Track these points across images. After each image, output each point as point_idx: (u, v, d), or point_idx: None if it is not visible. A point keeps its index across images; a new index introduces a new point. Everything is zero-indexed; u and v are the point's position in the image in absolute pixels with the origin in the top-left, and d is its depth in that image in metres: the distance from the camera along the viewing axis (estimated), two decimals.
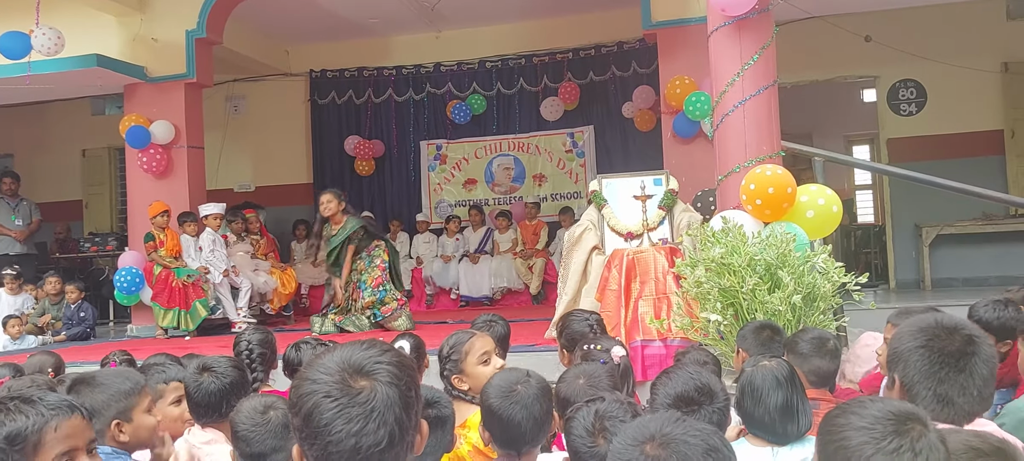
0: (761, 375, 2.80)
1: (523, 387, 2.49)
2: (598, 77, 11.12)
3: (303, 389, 1.42)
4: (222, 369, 3.16)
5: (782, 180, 4.85)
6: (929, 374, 2.14)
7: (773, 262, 4.60)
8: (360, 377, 1.41)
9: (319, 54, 11.86)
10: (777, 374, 2.81)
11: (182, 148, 9.07)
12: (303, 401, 1.41)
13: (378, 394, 1.40)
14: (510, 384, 2.51)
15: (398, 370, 1.45)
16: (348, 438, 1.37)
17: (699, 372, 2.70)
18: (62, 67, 8.51)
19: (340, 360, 1.43)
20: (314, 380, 1.41)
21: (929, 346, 2.17)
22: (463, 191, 11.80)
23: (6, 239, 9.87)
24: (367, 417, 1.38)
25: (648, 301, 5.35)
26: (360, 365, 1.43)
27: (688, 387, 2.61)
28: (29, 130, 12.55)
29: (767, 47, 5.12)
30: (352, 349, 1.46)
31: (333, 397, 1.39)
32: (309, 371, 1.44)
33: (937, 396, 2.12)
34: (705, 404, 2.57)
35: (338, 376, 1.41)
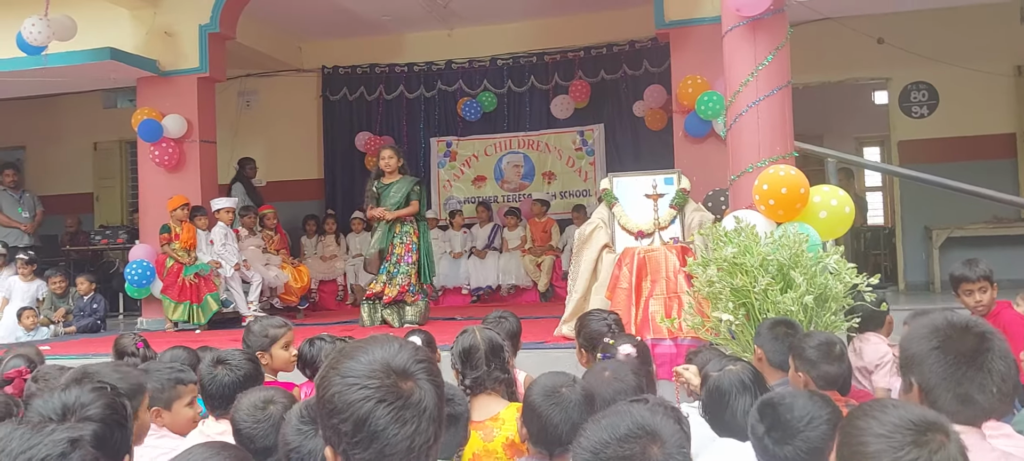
0: (727, 379, 2.83)
1: (567, 390, 2.52)
2: (609, 76, 11.13)
3: (351, 396, 1.42)
4: (236, 362, 3.19)
5: (795, 180, 4.85)
6: (947, 375, 2.10)
7: (785, 262, 4.60)
8: (406, 379, 1.45)
9: (332, 50, 11.90)
10: (743, 377, 2.84)
11: (194, 142, 9.11)
12: (354, 408, 1.42)
13: (426, 393, 1.45)
14: (555, 386, 2.53)
15: (431, 365, 1.50)
16: (404, 440, 1.41)
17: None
18: (75, 60, 8.55)
19: (382, 364, 1.45)
20: (364, 385, 1.43)
21: (944, 347, 2.13)
22: (472, 188, 11.82)
23: (14, 231, 9.93)
24: (420, 416, 1.43)
25: (659, 300, 5.36)
26: (403, 367, 1.46)
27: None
28: (40, 122, 12.60)
29: (781, 48, 5.12)
30: (386, 351, 1.48)
31: (388, 402, 1.42)
32: (349, 376, 1.44)
33: (958, 397, 2.08)
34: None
35: (388, 381, 1.43)
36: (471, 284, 10.72)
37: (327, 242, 11.12)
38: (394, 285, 7.83)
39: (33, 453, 1.28)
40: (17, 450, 1.27)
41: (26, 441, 1.28)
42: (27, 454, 1.27)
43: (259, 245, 9.55)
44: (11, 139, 12.95)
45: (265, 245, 9.71)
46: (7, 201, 10.04)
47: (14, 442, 1.27)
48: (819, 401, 2.34)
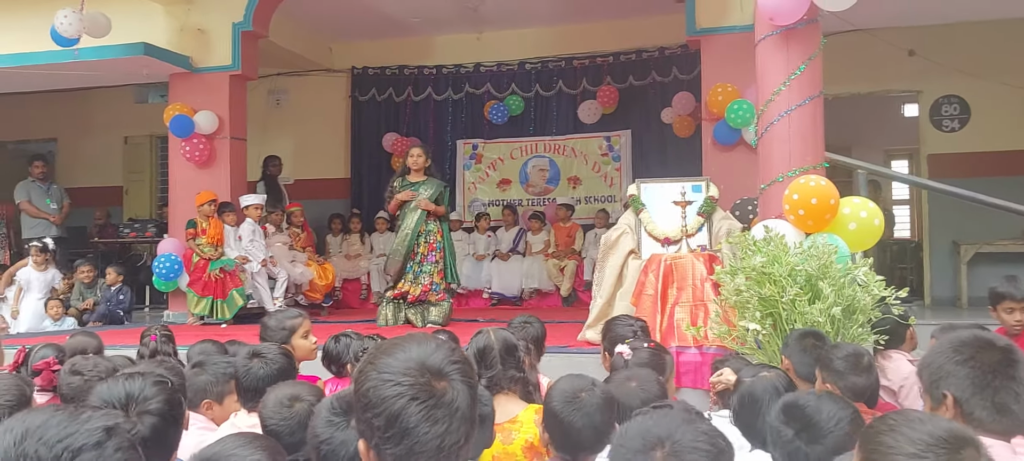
0: (762, 386, 2.80)
1: (587, 395, 2.50)
2: (638, 82, 11.13)
3: (385, 391, 1.44)
4: (272, 356, 3.23)
5: (825, 191, 4.83)
6: (983, 385, 2.14)
7: (814, 273, 4.58)
8: (440, 379, 1.46)
9: (362, 51, 11.98)
10: (777, 384, 2.81)
11: (225, 139, 9.19)
12: (387, 404, 1.43)
13: (459, 394, 1.46)
14: (575, 390, 2.52)
15: (466, 367, 1.51)
16: (434, 439, 1.43)
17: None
18: (109, 54, 8.66)
19: (418, 362, 1.47)
20: (398, 382, 1.44)
21: (975, 359, 2.18)
22: (497, 191, 11.85)
23: (43, 222, 10.05)
24: (451, 417, 1.44)
25: (685, 307, 5.36)
26: (438, 367, 1.47)
27: None
28: (73, 116, 12.76)
29: (814, 57, 5.11)
30: (423, 349, 1.50)
31: (420, 400, 1.43)
32: (385, 372, 1.46)
33: (995, 406, 2.12)
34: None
35: (422, 379, 1.45)
36: (493, 287, 10.72)
37: (352, 241, 11.18)
38: (417, 284, 7.85)
39: (70, 442, 1.29)
40: (54, 438, 1.28)
41: (63, 429, 1.30)
42: (64, 442, 1.28)
43: (285, 242, 9.63)
44: (43, 131, 13.13)
45: (291, 242, 9.79)
46: (36, 192, 10.17)
47: (51, 430, 1.29)
48: (840, 401, 2.40)
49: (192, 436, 2.97)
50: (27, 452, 1.27)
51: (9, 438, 1.28)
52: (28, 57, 8.86)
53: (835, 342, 4.13)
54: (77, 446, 1.29)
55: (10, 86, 10.03)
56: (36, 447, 1.27)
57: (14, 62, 8.95)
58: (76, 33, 7.92)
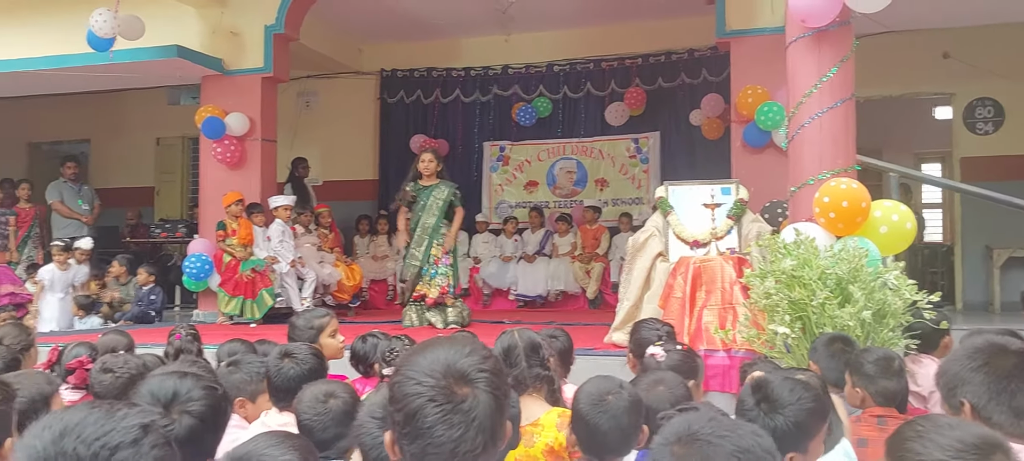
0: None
1: (614, 398, 2.49)
2: (667, 83, 11.11)
3: (408, 389, 1.46)
4: (302, 356, 3.26)
5: (857, 194, 4.80)
6: (1000, 390, 2.15)
7: (844, 277, 4.56)
8: (463, 384, 1.45)
9: (390, 53, 12.05)
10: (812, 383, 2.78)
11: (256, 141, 9.27)
12: (407, 401, 1.45)
13: (479, 403, 1.44)
14: (602, 392, 2.51)
15: (496, 377, 1.49)
16: (448, 443, 1.42)
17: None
18: (143, 56, 8.76)
19: (444, 365, 1.47)
20: (420, 382, 1.45)
21: (990, 364, 2.20)
22: (524, 193, 11.86)
23: (75, 222, 10.18)
24: (468, 425, 1.43)
25: (713, 311, 5.33)
26: (464, 372, 1.46)
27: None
28: (106, 117, 12.92)
29: (846, 60, 5.07)
30: (454, 353, 1.49)
31: (437, 402, 1.43)
32: (412, 371, 1.47)
33: (1012, 410, 2.13)
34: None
35: (443, 382, 1.45)
36: (518, 289, 10.73)
37: (379, 242, 11.24)
38: (434, 287, 7.89)
39: (107, 439, 1.30)
40: (91, 436, 1.30)
41: (100, 426, 1.31)
42: (101, 440, 1.30)
43: (314, 243, 9.70)
44: (77, 132, 13.32)
45: (320, 243, 9.86)
46: (68, 193, 10.31)
47: (89, 428, 1.31)
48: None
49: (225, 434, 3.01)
50: (65, 450, 1.28)
51: (47, 436, 1.30)
52: (64, 59, 8.99)
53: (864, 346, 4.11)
54: (114, 443, 1.31)
55: (45, 88, 10.19)
56: (74, 445, 1.29)
57: (50, 64, 9.09)
58: (111, 33, 8.02)
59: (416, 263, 7.93)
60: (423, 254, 7.90)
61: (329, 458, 2.55)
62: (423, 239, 7.91)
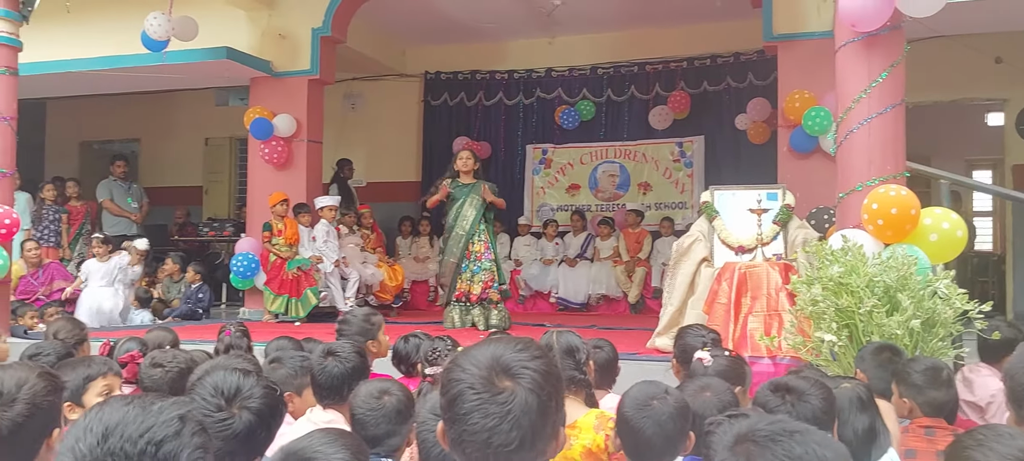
0: (845, 396, 2.74)
1: (659, 403, 2.48)
2: (712, 87, 11.03)
3: (453, 374, 1.49)
4: (346, 354, 3.30)
5: (906, 201, 4.73)
6: None
7: (893, 284, 4.49)
8: (505, 377, 1.46)
9: (435, 56, 12.12)
10: (860, 394, 2.75)
11: (302, 142, 9.40)
12: (451, 385, 1.48)
13: (517, 398, 1.44)
14: (647, 397, 2.51)
15: (542, 378, 1.48)
16: (482, 432, 1.43)
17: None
18: (193, 58, 8.92)
19: (491, 356, 1.48)
20: (464, 369, 1.48)
21: None
22: (566, 196, 11.86)
23: (124, 221, 10.39)
24: (502, 417, 1.43)
25: (758, 317, 5.28)
26: (508, 365, 1.47)
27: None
28: (156, 117, 13.16)
29: (897, 65, 4.99)
30: (505, 347, 1.51)
31: (476, 390, 1.45)
32: (463, 358, 1.50)
33: None
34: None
35: (486, 372, 1.46)
36: (559, 293, 10.72)
37: (421, 243, 11.31)
38: (477, 282, 7.92)
39: (151, 435, 1.32)
40: (135, 433, 1.32)
41: (141, 422, 1.34)
42: (145, 437, 1.32)
43: (358, 243, 9.79)
44: (127, 132, 13.58)
45: (363, 243, 9.96)
46: (118, 191, 10.52)
47: (131, 425, 1.33)
48: (814, 380, 2.59)
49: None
50: (112, 449, 1.30)
51: (91, 438, 1.32)
52: (116, 60, 9.19)
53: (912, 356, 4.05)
54: (159, 438, 1.33)
55: (96, 88, 10.41)
56: (120, 444, 1.31)
57: (103, 65, 9.29)
58: (164, 35, 8.18)
59: (453, 260, 7.97)
60: (461, 251, 7.94)
61: (378, 455, 2.59)
62: (461, 237, 7.95)
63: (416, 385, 3.92)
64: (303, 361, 3.45)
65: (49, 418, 2.17)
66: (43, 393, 2.16)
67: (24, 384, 2.13)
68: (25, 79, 7.44)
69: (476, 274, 7.93)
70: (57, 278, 9.01)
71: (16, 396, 2.10)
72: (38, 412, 2.12)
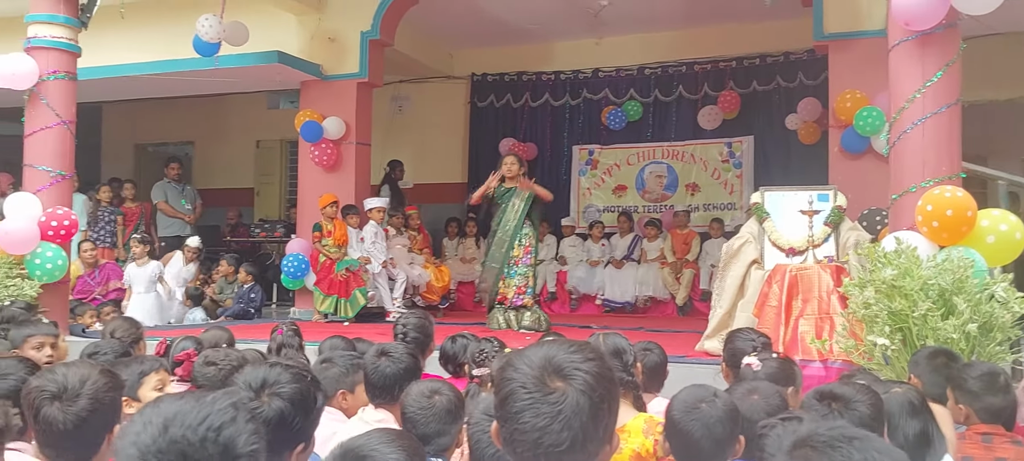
0: (896, 401, 2.69)
1: (707, 406, 2.47)
2: (761, 87, 10.92)
3: (507, 374, 1.50)
4: (398, 355, 3.34)
5: (962, 202, 4.64)
6: None
7: (948, 288, 4.42)
8: (557, 378, 1.47)
9: (481, 58, 12.17)
10: (912, 399, 2.70)
11: (351, 144, 9.51)
12: (504, 385, 1.50)
13: (569, 399, 1.45)
14: (695, 400, 2.50)
15: (595, 380, 1.48)
16: (533, 431, 1.44)
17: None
18: (245, 62, 9.06)
19: (544, 356, 1.50)
20: (518, 369, 1.49)
21: None
22: (612, 197, 11.82)
23: (178, 222, 10.59)
24: (554, 418, 1.44)
25: (809, 320, 5.23)
26: (560, 366, 1.48)
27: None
28: (209, 120, 13.39)
29: (952, 64, 4.91)
30: (559, 348, 1.52)
31: (528, 389, 1.46)
32: (517, 359, 1.52)
33: None
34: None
35: (538, 372, 1.47)
36: (605, 294, 10.69)
37: (467, 244, 11.35)
38: (510, 286, 7.95)
39: (210, 421, 1.38)
40: (195, 421, 1.38)
41: (199, 412, 1.39)
42: (205, 424, 1.38)
43: (405, 244, 9.87)
44: (181, 134, 13.86)
45: (410, 244, 10.04)
46: (172, 193, 10.74)
47: (190, 415, 1.38)
48: (863, 387, 2.53)
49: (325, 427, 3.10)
50: (174, 438, 1.35)
51: (152, 430, 1.37)
52: (171, 64, 9.38)
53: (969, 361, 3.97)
54: (217, 424, 1.39)
55: (151, 91, 10.65)
56: (182, 432, 1.36)
57: (158, 69, 9.48)
58: (216, 37, 8.32)
59: (495, 265, 8.01)
60: (503, 257, 7.98)
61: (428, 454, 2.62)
62: (504, 241, 7.99)
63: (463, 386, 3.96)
64: (354, 360, 3.50)
65: (111, 414, 2.24)
66: (105, 389, 2.24)
67: (87, 380, 2.21)
68: (83, 83, 7.64)
69: (513, 278, 7.97)
70: (112, 278, 9.22)
71: (80, 392, 2.19)
72: (100, 407, 2.20)
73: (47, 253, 6.82)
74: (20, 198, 6.92)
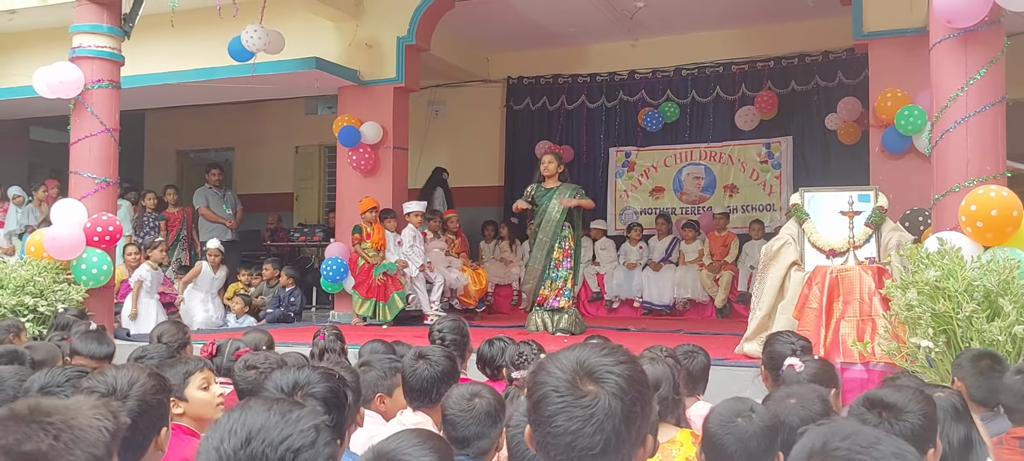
0: (940, 406, 2.63)
1: (743, 420, 2.43)
2: (800, 87, 10.80)
3: (539, 377, 1.52)
4: (436, 358, 3.37)
5: (1007, 202, 4.56)
6: None
7: (994, 289, 4.35)
8: (590, 381, 1.48)
9: (517, 61, 12.19)
10: (955, 404, 2.66)
11: (388, 148, 9.58)
12: (536, 389, 1.51)
13: (601, 402, 1.46)
14: (732, 414, 2.46)
15: (627, 383, 1.49)
16: (565, 435, 1.45)
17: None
18: (283, 69, 9.17)
19: (576, 360, 1.51)
20: (550, 372, 1.51)
21: None
22: (650, 199, 11.76)
23: (219, 226, 10.73)
24: (586, 421, 1.45)
25: (851, 322, 5.17)
26: (592, 369, 1.49)
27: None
28: (248, 126, 13.59)
29: (996, 61, 4.82)
30: (590, 351, 1.53)
31: (560, 392, 1.47)
32: (550, 362, 1.53)
33: None
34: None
35: (570, 375, 1.49)
36: (644, 297, 10.64)
37: (504, 247, 11.37)
38: (552, 288, 7.95)
39: (290, 442, 1.43)
40: (277, 439, 1.43)
41: (281, 430, 1.45)
42: (285, 443, 1.43)
43: (442, 248, 9.92)
44: (222, 141, 14.07)
45: (448, 248, 10.08)
46: (213, 198, 10.89)
47: (272, 431, 1.44)
48: (917, 390, 2.43)
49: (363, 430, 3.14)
50: (255, 453, 1.42)
51: (235, 440, 1.43)
52: (211, 71, 9.52)
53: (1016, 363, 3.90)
54: (297, 446, 1.44)
55: (193, 98, 10.82)
56: (263, 448, 1.42)
57: (199, 77, 9.64)
58: (262, 47, 8.44)
59: (537, 267, 8.01)
60: (545, 258, 7.98)
61: (467, 456, 2.65)
62: (544, 243, 7.99)
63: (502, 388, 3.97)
64: (393, 363, 3.54)
65: (158, 416, 2.29)
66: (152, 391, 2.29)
67: (135, 382, 2.27)
68: (126, 91, 7.79)
69: (554, 280, 7.98)
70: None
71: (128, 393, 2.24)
72: (148, 409, 2.25)
73: (93, 258, 6.96)
74: (66, 204, 7.07)
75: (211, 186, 10.97)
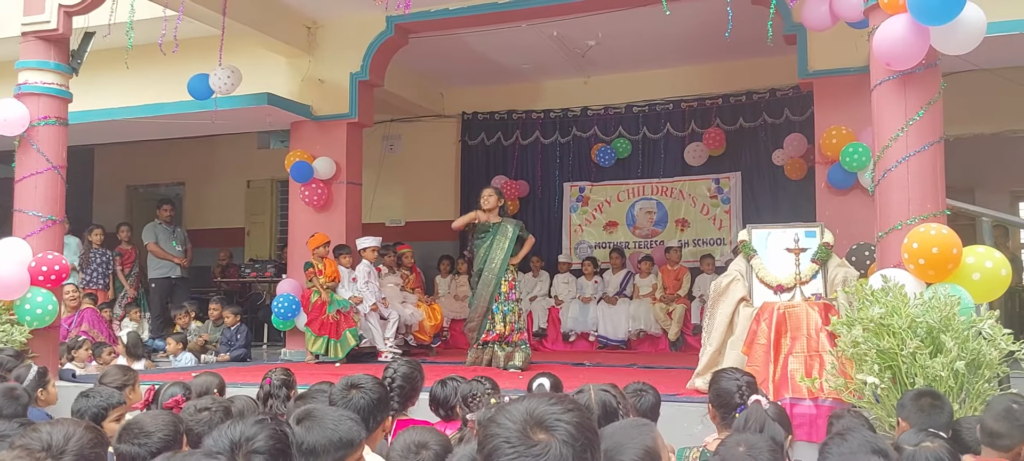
0: (923, 456, 2.68)
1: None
2: (747, 124, 11.02)
3: (489, 430, 1.54)
4: (369, 386, 3.35)
5: (947, 240, 4.67)
6: None
7: (936, 325, 4.44)
8: (540, 430, 1.50)
9: (472, 97, 12.27)
10: (941, 457, 2.69)
11: (342, 184, 9.52)
12: (487, 441, 1.53)
13: (552, 450, 1.48)
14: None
15: (577, 430, 1.52)
16: None
17: (875, 438, 2.62)
18: (236, 104, 9.10)
19: (526, 410, 1.53)
20: (500, 424, 1.53)
21: None
22: (604, 233, 11.87)
23: (167, 264, 10.56)
24: None
25: (799, 358, 5.23)
26: (542, 419, 1.52)
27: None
28: (199, 161, 13.45)
29: (934, 102, 4.96)
30: (539, 402, 1.56)
31: (512, 443, 1.49)
32: (499, 414, 1.55)
33: None
34: None
35: (520, 426, 1.51)
36: (599, 331, 10.69)
37: (460, 282, 11.35)
38: (506, 324, 7.95)
39: None
40: None
41: None
42: None
43: (397, 283, 9.87)
44: (172, 175, 13.90)
45: (403, 283, 10.02)
46: (163, 235, 10.70)
47: None
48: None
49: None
50: None
51: None
52: (163, 107, 9.43)
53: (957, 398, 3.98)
54: None
55: (144, 133, 10.66)
56: None
57: (153, 112, 9.55)
58: (229, 89, 8.41)
59: (483, 304, 8.01)
60: (490, 295, 7.99)
61: None
62: (490, 280, 8.00)
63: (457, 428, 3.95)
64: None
65: None
66: (90, 445, 2.25)
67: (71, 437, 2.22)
68: (75, 126, 7.65)
69: (507, 314, 7.98)
70: (86, 322, 9.08)
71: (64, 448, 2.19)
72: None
73: (37, 298, 6.78)
74: (10, 243, 6.90)
75: (162, 222, 10.80)
